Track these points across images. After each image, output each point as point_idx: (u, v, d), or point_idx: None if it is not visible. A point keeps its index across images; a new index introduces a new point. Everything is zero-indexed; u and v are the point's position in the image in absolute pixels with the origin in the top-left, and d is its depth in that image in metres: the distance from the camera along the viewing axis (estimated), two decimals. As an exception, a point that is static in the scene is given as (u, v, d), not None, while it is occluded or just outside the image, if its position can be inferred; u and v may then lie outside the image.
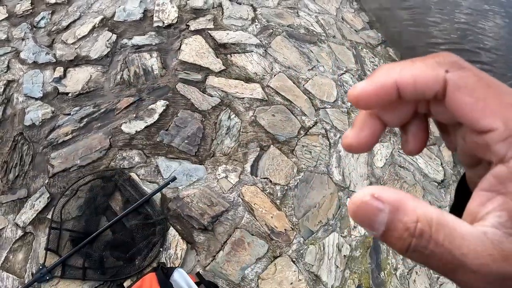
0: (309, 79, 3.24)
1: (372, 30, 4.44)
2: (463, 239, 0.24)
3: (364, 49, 3.99)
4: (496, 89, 0.27)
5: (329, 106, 3.11)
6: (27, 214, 2.31)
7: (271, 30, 3.53)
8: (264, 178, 2.50)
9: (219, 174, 2.46)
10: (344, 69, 3.54)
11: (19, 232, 2.27)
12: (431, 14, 5.12)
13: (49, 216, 2.28)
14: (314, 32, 3.77)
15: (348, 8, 4.64)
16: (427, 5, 5.26)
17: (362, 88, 0.30)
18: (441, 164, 3.24)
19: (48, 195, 2.36)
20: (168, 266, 2.17)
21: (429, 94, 0.28)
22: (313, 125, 2.91)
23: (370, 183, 2.76)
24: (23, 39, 3.13)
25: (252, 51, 3.25)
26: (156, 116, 2.68)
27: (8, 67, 2.95)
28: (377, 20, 4.75)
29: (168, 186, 2.35)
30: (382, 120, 0.32)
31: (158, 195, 2.35)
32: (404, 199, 0.26)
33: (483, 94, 0.27)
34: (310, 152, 2.72)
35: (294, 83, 3.14)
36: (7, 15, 3.34)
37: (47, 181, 2.43)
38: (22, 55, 3.02)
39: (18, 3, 3.43)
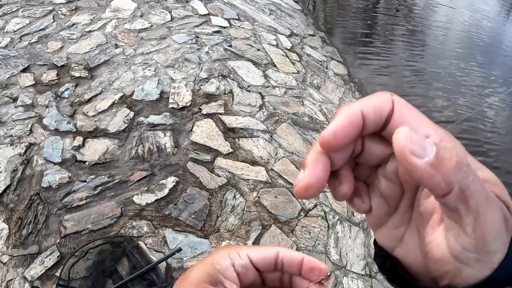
0: (311, 166, 3.82)
1: (373, 120, 5.14)
2: None
3: (365, 139, 4.64)
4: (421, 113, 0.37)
5: (329, 190, 3.64)
6: (36, 270, 2.76)
7: (277, 117, 4.18)
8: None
9: (222, 249, 2.96)
10: (345, 158, 4.13)
11: (27, 286, 2.68)
12: (434, 104, 5.94)
13: (58, 274, 2.73)
14: (318, 120, 4.41)
15: (351, 98, 5.37)
16: (428, 94, 6.10)
17: (335, 126, 0.36)
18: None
19: (59, 253, 2.82)
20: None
21: (385, 113, 0.36)
22: (313, 208, 3.42)
23: (367, 263, 3.23)
24: (47, 107, 3.78)
25: (259, 136, 3.87)
26: (166, 191, 3.23)
27: (31, 131, 3.56)
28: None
29: (174, 256, 2.83)
30: (331, 159, 0.38)
31: (164, 264, 2.82)
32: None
33: (416, 112, 0.36)
34: (309, 232, 3.22)
35: (296, 167, 3.70)
36: (33, 82, 4.03)
37: (58, 240, 2.90)
38: (45, 121, 3.64)
39: (45, 73, 4.14)
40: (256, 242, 3.04)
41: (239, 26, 5.70)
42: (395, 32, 8.42)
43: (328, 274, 0.51)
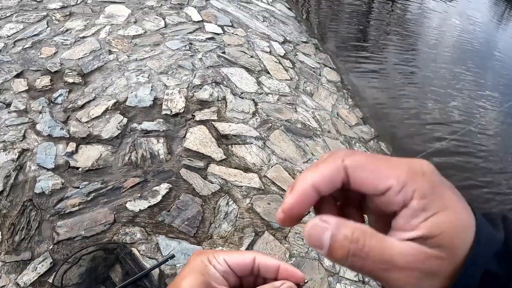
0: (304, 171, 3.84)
1: (365, 126, 5.20)
2: (392, 244, 0.38)
3: (357, 144, 4.69)
4: (383, 158, 0.40)
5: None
6: (28, 276, 2.76)
7: (270, 124, 4.21)
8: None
9: (215, 255, 2.98)
10: (338, 164, 4.16)
11: (19, 292, 2.72)
12: (425, 109, 6.00)
13: (50, 280, 2.73)
14: (310, 127, 4.45)
15: (343, 105, 5.43)
16: (421, 101, 6.17)
17: (288, 204, 0.43)
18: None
19: (51, 260, 2.83)
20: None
21: (338, 182, 0.41)
22: (306, 214, 3.45)
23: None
24: (40, 112, 3.79)
25: (252, 143, 3.90)
26: (159, 198, 3.25)
27: (24, 136, 3.56)
28: (371, 116, 5.54)
29: (167, 263, 2.85)
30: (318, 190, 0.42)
31: (157, 270, 2.83)
32: (344, 220, 0.40)
33: (374, 166, 0.39)
34: (303, 239, 3.23)
35: (289, 174, 3.74)
36: (27, 87, 4.05)
37: (51, 247, 2.91)
38: (38, 127, 3.65)
39: (39, 78, 4.15)
40: (249, 248, 3.05)
41: (232, 33, 5.73)
42: (387, 38, 8.51)
43: (305, 281, 0.54)
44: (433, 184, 0.38)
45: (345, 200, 0.48)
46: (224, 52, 5.14)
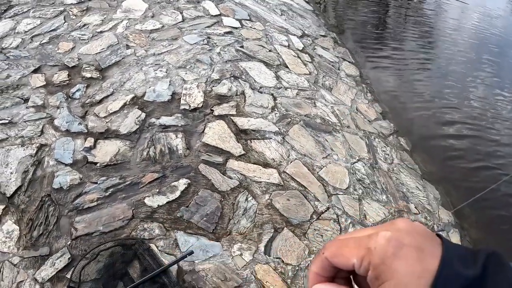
0: (323, 166, 3.79)
1: (384, 121, 5.12)
2: None
3: (377, 139, 4.61)
4: (351, 239, 0.51)
5: (342, 193, 3.61)
6: (46, 271, 2.75)
7: (289, 119, 4.16)
8: (277, 258, 2.96)
9: (234, 252, 2.94)
10: (357, 158, 4.08)
11: (37, 287, 2.71)
12: (444, 105, 5.90)
13: (68, 276, 2.72)
14: (330, 122, 4.39)
15: (363, 99, 5.35)
16: (440, 96, 6.06)
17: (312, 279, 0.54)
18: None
19: (69, 255, 2.82)
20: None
21: (328, 267, 0.53)
22: (326, 210, 3.39)
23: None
24: (58, 107, 3.78)
25: (271, 138, 3.85)
26: (178, 193, 3.22)
27: (42, 132, 3.56)
28: (390, 111, 5.46)
29: (185, 259, 2.82)
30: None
31: (175, 266, 2.80)
32: (336, 286, 0.53)
33: (342, 251, 0.51)
34: (322, 235, 3.19)
35: (309, 170, 3.69)
36: (45, 83, 4.05)
37: (69, 242, 2.90)
38: (56, 122, 3.64)
39: (56, 73, 4.15)
40: (269, 245, 3.01)
41: (250, 27, 5.68)
42: (406, 30, 8.39)
43: None
44: (383, 257, 0.46)
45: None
46: (242, 46, 5.09)
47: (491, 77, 6.95)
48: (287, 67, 5.06)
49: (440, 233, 0.59)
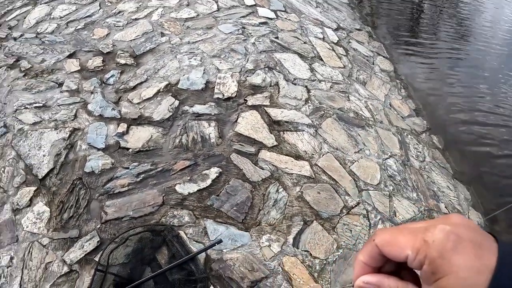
0: (355, 161, 3.72)
1: (418, 117, 5.01)
2: None
3: (409, 136, 4.51)
4: (405, 229, 0.50)
5: (372, 189, 3.54)
6: (75, 253, 2.77)
7: (323, 112, 4.09)
8: (305, 251, 2.92)
9: (262, 242, 2.90)
10: (389, 154, 4.02)
11: (65, 269, 2.70)
12: (479, 106, 5.74)
13: (96, 259, 2.73)
14: (363, 117, 4.32)
15: (396, 95, 5.25)
16: (475, 96, 5.91)
17: (355, 277, 0.55)
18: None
19: (99, 239, 2.83)
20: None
21: (376, 256, 0.53)
22: (356, 205, 3.33)
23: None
24: (92, 93, 3.81)
25: (304, 130, 3.79)
26: (209, 181, 3.20)
27: (76, 116, 3.59)
28: (423, 108, 5.35)
29: (213, 247, 2.80)
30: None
31: (203, 254, 2.78)
32: (388, 276, 0.52)
33: (396, 239, 0.50)
34: (351, 230, 3.13)
35: (340, 163, 3.63)
36: (79, 68, 4.08)
37: (99, 226, 2.91)
38: (89, 107, 3.67)
39: (91, 59, 4.18)
40: (297, 237, 2.97)
41: (285, 18, 5.62)
42: (441, 26, 8.20)
43: None
44: (442, 250, 0.45)
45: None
46: (277, 37, 5.03)
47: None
48: (321, 59, 4.98)
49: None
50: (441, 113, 5.51)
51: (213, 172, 3.25)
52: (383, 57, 6.19)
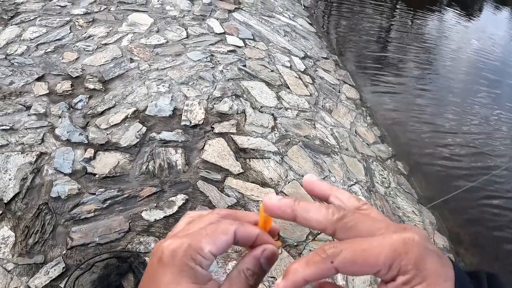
0: (321, 189, 3.84)
1: (383, 144, 5.21)
2: None
3: (375, 162, 4.68)
4: (368, 241, 0.48)
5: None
6: (40, 279, 2.77)
7: (289, 140, 4.22)
8: (271, 277, 3.01)
9: (229, 269, 2.97)
10: (354, 181, 4.14)
11: (30, 296, 2.74)
12: (442, 130, 6.01)
13: (62, 285, 2.75)
14: (329, 144, 4.46)
15: (362, 123, 5.44)
16: (438, 121, 6.18)
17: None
18: None
19: (64, 265, 2.84)
20: None
21: (328, 276, 0.50)
22: (321, 232, 3.43)
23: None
24: (60, 117, 3.85)
25: (270, 158, 3.90)
26: (175, 208, 3.26)
27: (43, 140, 3.62)
28: (388, 135, 5.57)
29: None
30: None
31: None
32: None
33: (362, 257, 0.46)
34: (317, 257, 3.23)
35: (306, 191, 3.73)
36: (48, 91, 4.12)
37: (64, 252, 2.93)
38: (57, 131, 3.70)
39: (60, 83, 4.23)
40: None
41: (254, 46, 5.79)
42: (406, 55, 8.52)
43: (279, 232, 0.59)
44: (415, 260, 0.45)
45: None
46: (245, 65, 5.18)
47: (490, 102, 7.09)
48: (288, 87, 5.15)
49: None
50: (405, 139, 5.73)
51: (180, 199, 3.32)
52: (349, 85, 6.41)
